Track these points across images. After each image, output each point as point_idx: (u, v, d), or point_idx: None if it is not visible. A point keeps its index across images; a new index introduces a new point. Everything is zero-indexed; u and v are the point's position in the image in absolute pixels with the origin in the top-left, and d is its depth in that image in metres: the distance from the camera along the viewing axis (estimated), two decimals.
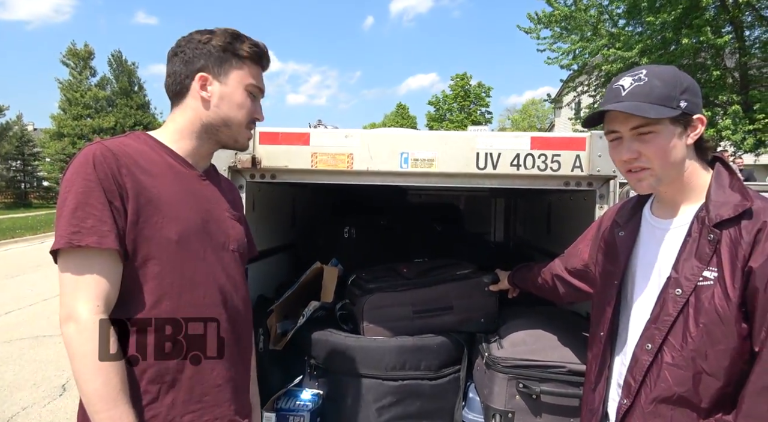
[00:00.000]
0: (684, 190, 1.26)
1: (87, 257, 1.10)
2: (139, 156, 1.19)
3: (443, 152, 1.91)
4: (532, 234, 3.72)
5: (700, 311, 1.17)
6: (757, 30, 12.66)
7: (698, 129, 1.21)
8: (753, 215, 1.14)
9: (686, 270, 1.20)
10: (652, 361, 1.24)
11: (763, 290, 1.10)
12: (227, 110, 1.28)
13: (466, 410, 2.14)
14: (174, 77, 1.28)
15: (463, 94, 39.48)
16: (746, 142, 11.62)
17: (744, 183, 1.23)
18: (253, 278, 2.38)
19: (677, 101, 1.16)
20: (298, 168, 1.95)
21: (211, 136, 1.30)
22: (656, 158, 1.20)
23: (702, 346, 1.17)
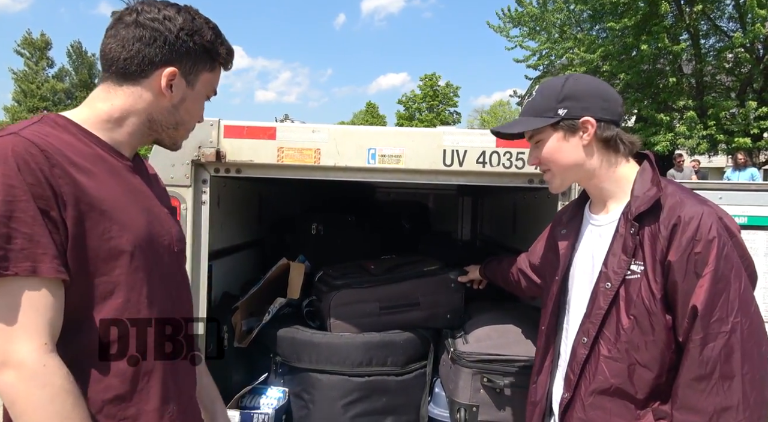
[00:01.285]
0: (606, 187, 1.32)
1: (19, 288, 0.87)
2: (69, 150, 0.96)
3: (411, 149, 1.92)
4: (498, 232, 3.78)
5: (630, 303, 1.22)
6: (712, 38, 13.24)
7: (589, 130, 1.28)
8: (669, 209, 1.19)
9: (614, 264, 1.25)
10: (589, 354, 1.29)
11: (681, 282, 1.15)
12: (184, 114, 1.13)
13: (432, 405, 2.16)
14: (132, 54, 1.05)
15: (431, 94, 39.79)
16: (700, 146, 12.14)
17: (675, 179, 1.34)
18: (218, 275, 2.35)
19: (554, 110, 1.29)
20: (264, 163, 1.92)
21: (152, 133, 1.13)
22: (548, 161, 1.33)
23: (634, 338, 1.22)
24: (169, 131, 1.14)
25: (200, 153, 1.89)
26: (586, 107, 1.27)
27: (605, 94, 1.31)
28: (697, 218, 1.15)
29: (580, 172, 1.33)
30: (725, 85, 13.31)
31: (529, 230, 2.92)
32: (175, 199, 1.90)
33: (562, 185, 1.37)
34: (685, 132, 11.92)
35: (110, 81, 1.07)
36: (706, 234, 1.13)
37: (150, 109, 1.09)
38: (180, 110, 1.12)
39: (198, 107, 1.16)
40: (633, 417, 1.23)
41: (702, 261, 1.13)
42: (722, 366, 1.12)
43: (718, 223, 1.15)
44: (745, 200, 1.86)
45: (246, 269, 2.83)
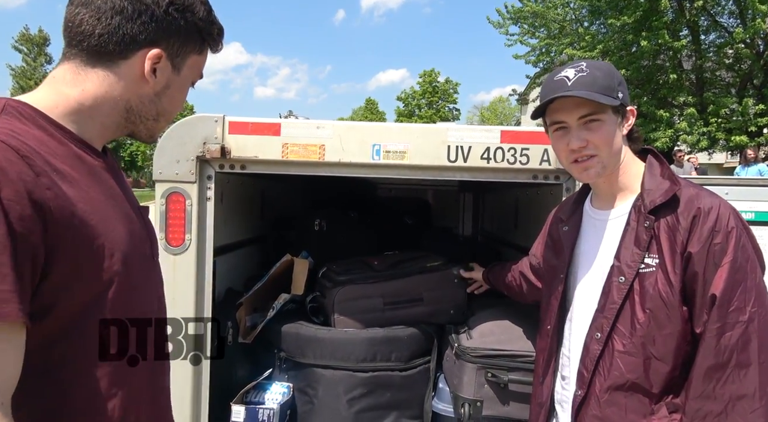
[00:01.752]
0: (619, 181, 1.32)
1: None
2: (47, 152, 0.79)
3: (415, 145, 1.92)
4: (500, 228, 3.79)
5: (645, 297, 1.21)
6: (712, 34, 13.23)
7: (630, 120, 1.29)
8: (687, 201, 1.20)
9: (627, 258, 1.24)
10: (603, 350, 1.27)
11: (702, 273, 1.16)
12: (167, 103, 0.98)
13: (436, 400, 2.17)
14: (111, 30, 0.87)
15: (431, 91, 39.74)
16: (701, 143, 12.15)
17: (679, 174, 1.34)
18: (222, 272, 2.35)
19: (616, 92, 1.23)
20: (269, 159, 1.92)
21: (128, 125, 0.96)
22: (603, 145, 1.25)
23: (650, 331, 1.21)
24: (148, 123, 0.98)
25: (205, 149, 1.89)
26: (628, 96, 1.29)
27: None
28: (716, 210, 1.16)
29: (617, 161, 1.30)
30: (725, 81, 13.32)
31: (532, 226, 2.92)
32: (180, 195, 1.90)
33: (602, 173, 1.29)
34: (686, 128, 11.93)
35: (79, 60, 0.88)
36: (725, 225, 1.15)
37: (128, 96, 0.92)
38: (163, 98, 0.96)
39: (182, 95, 1.01)
40: (648, 411, 1.23)
41: (721, 251, 1.14)
42: (739, 355, 1.12)
43: (734, 214, 1.17)
44: (752, 195, 1.87)
45: (249, 266, 2.84)
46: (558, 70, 1.30)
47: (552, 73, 1.31)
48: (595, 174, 1.29)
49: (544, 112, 1.33)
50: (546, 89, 1.28)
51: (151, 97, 0.95)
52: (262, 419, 2.02)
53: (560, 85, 1.25)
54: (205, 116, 1.92)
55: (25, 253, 0.71)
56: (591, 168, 1.28)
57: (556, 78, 1.27)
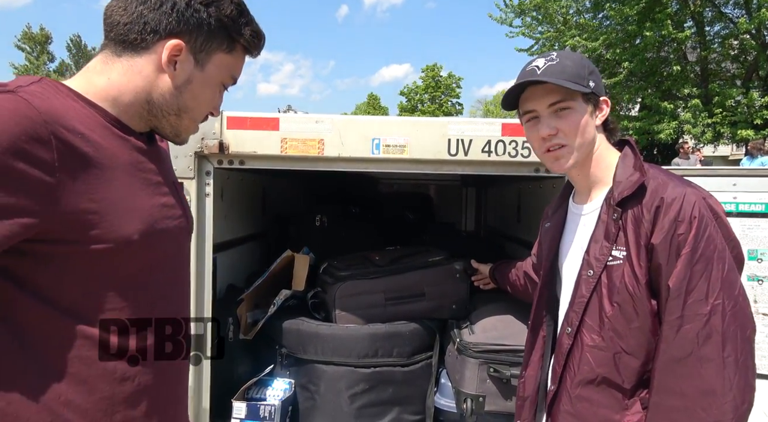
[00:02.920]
0: (593, 173, 1.29)
1: None
2: (73, 117, 0.84)
3: (415, 138, 1.90)
4: (502, 223, 3.76)
5: (613, 290, 1.18)
6: (717, 25, 13.10)
7: (605, 111, 1.26)
8: (652, 192, 1.16)
9: (596, 251, 1.22)
10: (572, 344, 1.25)
11: (665, 264, 1.12)
12: (189, 99, 0.97)
13: (438, 395, 2.16)
14: (134, 18, 0.91)
15: (434, 85, 39.61)
16: (705, 135, 12.06)
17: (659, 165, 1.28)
18: (223, 268, 2.34)
19: (587, 80, 1.22)
20: (268, 154, 1.90)
21: (151, 118, 0.98)
22: (573, 133, 1.23)
23: (618, 325, 1.18)
24: (170, 118, 0.98)
25: (203, 145, 1.87)
26: (602, 86, 1.26)
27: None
28: (679, 199, 1.12)
29: (588, 151, 1.27)
30: (731, 72, 13.20)
31: (534, 220, 2.89)
32: None
33: (574, 163, 1.27)
34: (690, 120, 11.83)
35: (109, 49, 0.94)
36: (688, 214, 1.10)
37: (149, 88, 0.94)
38: (184, 93, 0.96)
39: (207, 93, 0.99)
40: (621, 407, 1.20)
41: (683, 242, 1.10)
42: (700, 349, 1.08)
43: (702, 203, 1.12)
44: (761, 186, 1.83)
45: (250, 262, 2.83)
46: (531, 59, 1.28)
47: (527, 62, 1.29)
48: (566, 164, 1.26)
49: (517, 104, 1.32)
50: (517, 79, 1.27)
51: (172, 91, 0.95)
52: (263, 415, 2.01)
53: (530, 74, 1.23)
54: None
55: (18, 190, 0.74)
56: (562, 158, 1.26)
57: (527, 68, 1.26)
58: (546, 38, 14.15)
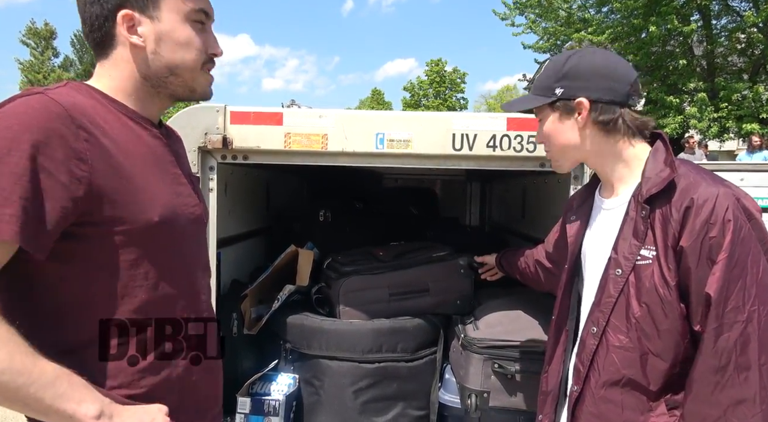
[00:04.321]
0: (616, 169, 1.26)
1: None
2: (95, 114, 0.91)
3: (419, 133, 1.89)
4: (507, 218, 3.75)
5: (642, 290, 1.16)
6: (724, 19, 12.97)
7: (583, 111, 1.21)
8: (682, 191, 1.12)
9: (624, 250, 1.19)
10: (598, 344, 1.22)
11: (695, 268, 1.09)
12: (169, 53, 0.99)
13: (443, 391, 2.15)
14: (91, 24, 0.98)
15: (438, 80, 39.45)
16: (711, 129, 11.97)
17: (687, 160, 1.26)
18: (227, 263, 2.34)
19: (552, 90, 1.24)
20: (271, 149, 1.89)
21: (159, 90, 1.02)
22: (547, 141, 1.31)
23: (646, 326, 1.16)
24: (171, 80, 1.01)
25: (207, 140, 1.87)
26: (584, 87, 1.21)
27: (610, 73, 1.21)
28: (711, 200, 1.07)
29: (579, 154, 1.28)
30: (737, 66, 13.07)
31: (539, 215, 2.89)
32: None
33: (563, 165, 1.32)
34: (695, 114, 11.74)
35: (98, 57, 1.02)
36: (721, 217, 1.06)
37: (136, 67, 0.99)
38: (161, 51, 0.98)
39: (180, 38, 0.99)
40: (645, 408, 1.18)
41: (717, 246, 1.06)
42: (738, 357, 1.05)
43: (736, 205, 1.07)
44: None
45: (254, 257, 2.83)
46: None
47: None
48: (559, 167, 1.35)
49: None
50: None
51: (152, 57, 0.99)
52: (267, 410, 2.01)
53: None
54: (206, 106, 1.90)
55: (50, 189, 0.81)
56: (554, 162, 1.35)
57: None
58: (551, 34, 14.05)
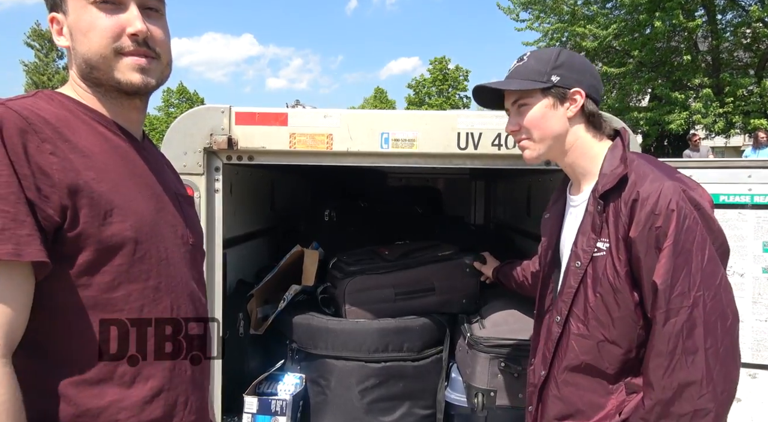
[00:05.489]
0: (579, 164, 1.31)
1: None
2: (63, 125, 0.86)
3: (424, 132, 1.89)
4: (512, 216, 3.74)
5: (596, 281, 1.22)
6: (729, 14, 12.88)
7: (577, 101, 1.25)
8: (631, 185, 1.17)
9: (583, 243, 1.25)
10: (561, 332, 1.30)
11: (644, 258, 1.13)
12: (79, 45, 0.93)
13: (449, 390, 2.16)
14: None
15: (441, 78, 39.37)
16: (717, 125, 11.89)
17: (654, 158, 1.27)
18: (233, 263, 2.35)
19: (548, 76, 1.26)
20: (276, 149, 1.90)
21: (99, 88, 0.96)
22: (531, 127, 1.29)
23: (600, 315, 1.22)
24: (93, 73, 0.94)
25: (212, 141, 1.87)
26: (579, 80, 1.27)
27: (595, 73, 1.32)
28: (656, 193, 1.12)
29: (559, 145, 1.30)
30: (743, 61, 12.98)
31: None
32: (188, 187, 1.89)
33: (539, 156, 1.33)
34: (701, 109, 11.66)
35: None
36: (665, 207, 1.11)
37: (73, 67, 0.97)
38: (76, 45, 0.93)
39: (85, 23, 0.91)
40: (606, 392, 1.24)
41: (662, 235, 1.11)
42: (685, 342, 1.10)
43: (680, 196, 1.12)
44: None
45: (260, 257, 2.83)
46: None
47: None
48: (531, 155, 1.32)
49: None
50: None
51: (73, 53, 0.95)
52: (274, 410, 2.02)
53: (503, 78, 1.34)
54: (211, 107, 1.90)
55: (37, 207, 0.79)
56: (526, 149, 1.33)
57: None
58: (554, 30, 13.99)
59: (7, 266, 0.77)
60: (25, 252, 0.77)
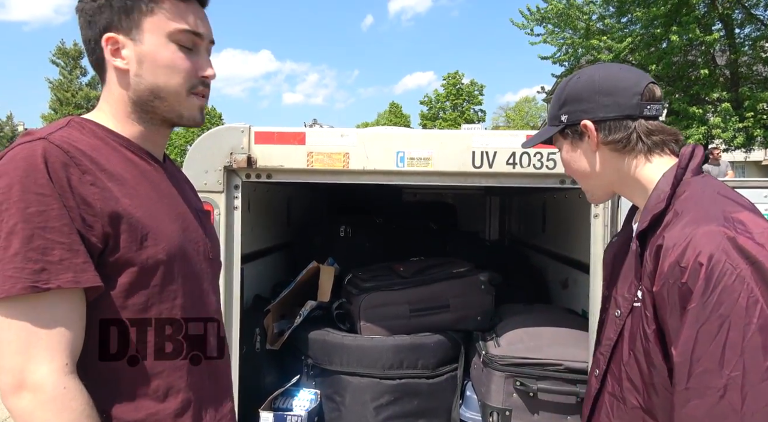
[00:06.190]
0: (636, 194, 1.11)
1: (53, 303, 0.81)
2: (99, 155, 0.90)
3: (439, 151, 1.91)
4: (527, 232, 3.73)
5: (632, 336, 1.01)
6: (747, 28, 12.76)
7: (592, 133, 1.08)
8: (663, 227, 0.97)
9: (624, 289, 1.05)
10: (600, 389, 1.11)
11: (668, 318, 0.91)
12: (151, 76, 0.95)
13: (464, 408, 2.15)
14: (86, 47, 0.98)
15: (455, 93, 39.54)
16: (736, 139, 11.73)
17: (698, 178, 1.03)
18: (249, 278, 2.38)
19: (558, 117, 1.14)
20: (294, 168, 1.94)
21: (150, 115, 0.99)
22: (569, 173, 1.19)
23: (634, 377, 1.01)
24: (156, 103, 0.97)
25: (232, 159, 1.92)
26: (585, 109, 1.09)
27: (611, 87, 1.07)
28: (684, 240, 0.89)
29: (601, 181, 1.14)
30: (762, 75, 12.82)
31: (560, 229, 2.87)
32: (209, 204, 1.94)
33: (594, 195, 1.18)
34: (720, 124, 11.53)
35: (100, 81, 1.02)
36: (692, 260, 0.87)
37: (124, 90, 0.96)
38: (144, 74, 0.95)
39: (163, 59, 0.95)
40: None
41: (688, 293, 0.87)
42: None
43: (721, 246, 0.86)
44: None
45: (276, 272, 2.87)
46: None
47: None
48: (589, 198, 1.21)
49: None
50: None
51: (136, 79, 0.96)
52: None
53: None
54: (231, 127, 1.96)
55: (84, 235, 0.84)
56: (585, 193, 1.21)
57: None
58: (569, 45, 14.00)
59: (69, 292, 0.83)
60: (83, 279, 0.82)
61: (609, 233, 1.92)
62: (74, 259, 0.82)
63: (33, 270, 0.79)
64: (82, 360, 0.87)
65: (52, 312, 0.82)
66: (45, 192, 0.81)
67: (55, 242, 0.81)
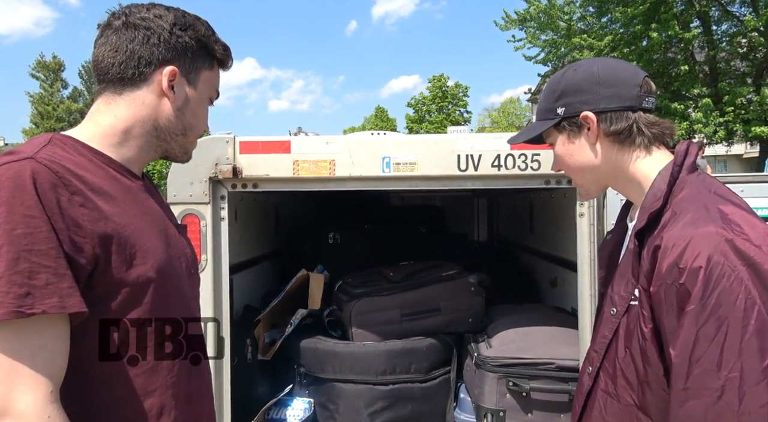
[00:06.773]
0: (632, 189, 1.10)
1: (37, 328, 0.80)
2: (86, 173, 0.90)
3: (425, 156, 1.92)
4: (515, 232, 3.76)
5: (629, 335, 1.01)
6: (724, 24, 13.03)
7: (592, 125, 1.07)
8: (661, 227, 0.96)
9: (621, 287, 1.05)
10: (593, 386, 1.10)
11: (665, 318, 0.91)
12: (190, 117, 1.05)
13: (458, 410, 2.15)
14: (127, 57, 0.98)
15: (440, 96, 39.74)
16: (718, 134, 11.94)
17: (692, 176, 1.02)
18: (239, 289, 2.37)
19: (554, 111, 1.12)
20: (280, 176, 1.94)
21: (161, 143, 1.04)
22: (562, 167, 1.17)
23: (629, 375, 1.01)
24: (178, 139, 1.05)
25: (217, 170, 1.91)
26: (585, 100, 1.07)
27: (612, 78, 1.07)
28: (683, 241, 0.89)
29: (597, 174, 1.11)
30: (741, 70, 13.08)
31: (547, 229, 2.90)
32: (195, 216, 1.93)
33: (589, 190, 1.16)
34: (701, 119, 11.73)
35: (108, 91, 1.00)
36: (690, 261, 0.87)
37: (155, 115, 1.01)
38: (185, 113, 1.04)
39: (203, 110, 1.09)
40: None
41: (686, 295, 0.87)
42: None
43: (719, 248, 0.87)
44: None
45: (266, 281, 2.85)
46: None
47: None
48: (583, 193, 1.19)
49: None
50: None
51: (175, 113, 1.03)
52: None
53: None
54: (216, 137, 1.95)
55: (73, 258, 0.82)
56: (577, 188, 1.20)
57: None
58: (551, 45, 14.16)
59: (54, 318, 0.81)
60: (69, 304, 0.81)
61: (595, 231, 1.94)
62: (60, 283, 0.80)
63: (18, 295, 0.77)
64: (75, 384, 0.86)
65: (36, 338, 0.80)
66: (33, 214, 0.79)
67: (41, 265, 0.79)
